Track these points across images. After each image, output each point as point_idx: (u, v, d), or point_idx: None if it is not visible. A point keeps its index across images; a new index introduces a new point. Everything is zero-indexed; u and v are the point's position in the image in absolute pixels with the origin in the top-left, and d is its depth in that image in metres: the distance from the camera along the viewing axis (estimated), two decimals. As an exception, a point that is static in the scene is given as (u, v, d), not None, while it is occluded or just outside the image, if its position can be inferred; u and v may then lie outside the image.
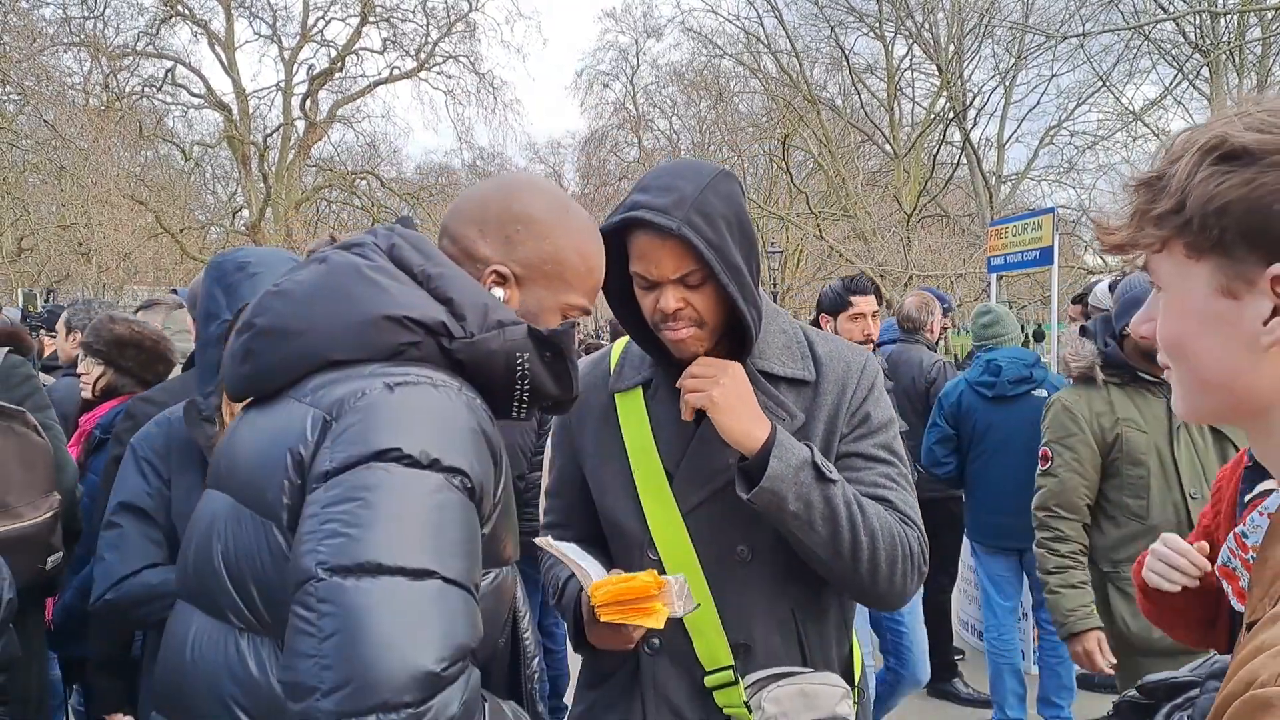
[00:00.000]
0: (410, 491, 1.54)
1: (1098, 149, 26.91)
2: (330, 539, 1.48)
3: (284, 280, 1.82)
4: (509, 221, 1.91)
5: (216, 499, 1.82)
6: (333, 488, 1.53)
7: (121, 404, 4.50)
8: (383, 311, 1.72)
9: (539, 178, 2.08)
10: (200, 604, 1.77)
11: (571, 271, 1.95)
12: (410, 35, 39.57)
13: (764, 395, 2.32)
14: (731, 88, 36.49)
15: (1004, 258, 10.88)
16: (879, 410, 2.40)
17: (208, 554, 1.75)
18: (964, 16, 26.52)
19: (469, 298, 1.78)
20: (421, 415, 1.62)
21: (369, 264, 1.80)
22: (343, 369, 1.70)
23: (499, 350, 1.75)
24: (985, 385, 6.22)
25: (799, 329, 2.47)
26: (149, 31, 35.35)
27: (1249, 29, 21.57)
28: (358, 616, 1.44)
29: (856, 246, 29.06)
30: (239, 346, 1.82)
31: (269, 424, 1.74)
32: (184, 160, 37.81)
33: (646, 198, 2.22)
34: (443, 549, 1.53)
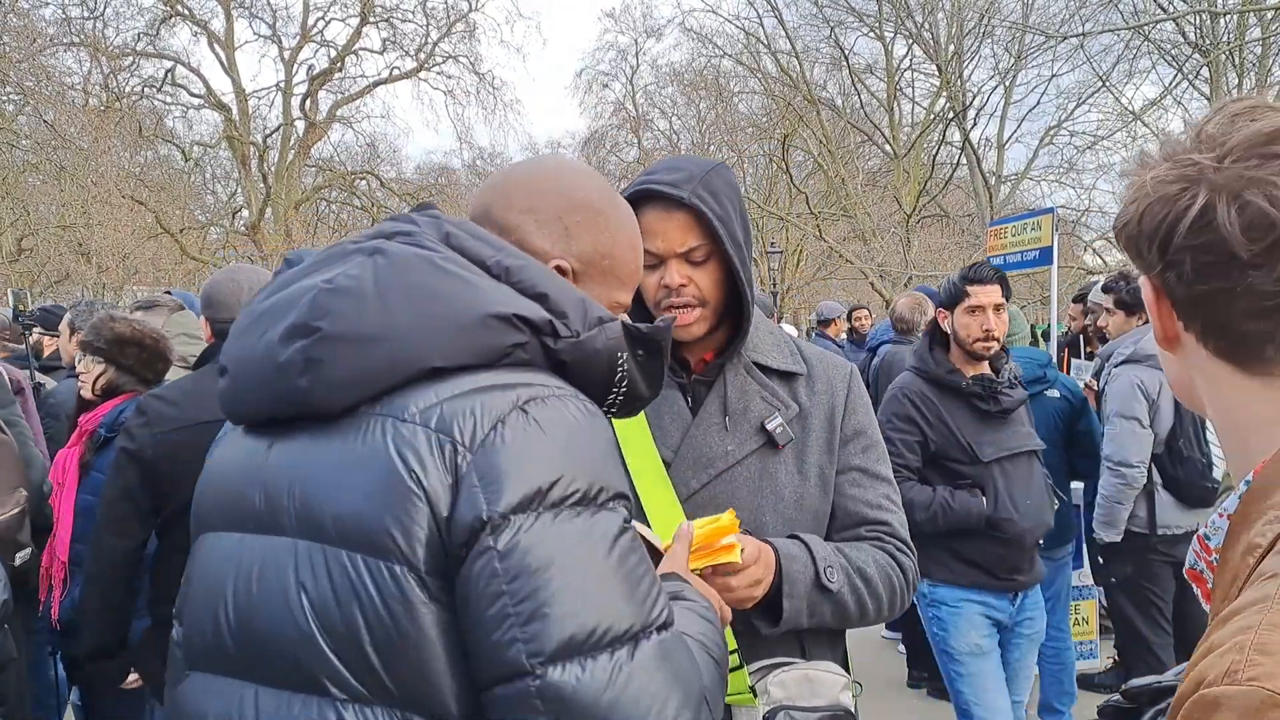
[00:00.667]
0: (592, 542, 1.43)
1: (1097, 149, 26.95)
2: (530, 624, 1.35)
3: (336, 277, 1.56)
4: (568, 210, 1.77)
5: (253, 544, 1.57)
6: (508, 554, 1.37)
7: (123, 402, 4.51)
8: (489, 310, 1.53)
9: (579, 162, 1.96)
10: (260, 677, 1.52)
11: (623, 266, 1.85)
12: (410, 35, 39.68)
13: (759, 386, 2.37)
14: (731, 88, 36.52)
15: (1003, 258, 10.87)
16: (872, 423, 2.48)
17: (276, 611, 1.49)
18: (964, 16, 26.53)
19: (564, 293, 1.62)
20: (568, 437, 1.48)
21: (439, 255, 1.60)
22: (443, 379, 1.51)
23: (602, 349, 1.62)
24: (998, 385, 6.21)
25: (786, 335, 2.53)
26: (149, 32, 35.40)
27: (1249, 29, 21.58)
28: (595, 710, 1.35)
29: (856, 247, 29.09)
30: (294, 355, 1.53)
31: (341, 450, 1.51)
32: (184, 160, 37.82)
33: (655, 176, 2.27)
34: (641, 597, 1.45)
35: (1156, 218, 1.16)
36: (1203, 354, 1.20)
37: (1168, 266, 1.17)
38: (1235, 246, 1.09)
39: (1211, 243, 1.11)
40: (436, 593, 1.41)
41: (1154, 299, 1.24)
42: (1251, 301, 1.12)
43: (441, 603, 1.42)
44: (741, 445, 2.32)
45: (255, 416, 1.66)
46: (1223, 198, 1.10)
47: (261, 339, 1.60)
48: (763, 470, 2.32)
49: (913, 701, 6.91)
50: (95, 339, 4.54)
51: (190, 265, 36.24)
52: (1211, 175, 1.12)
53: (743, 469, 2.32)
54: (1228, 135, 1.13)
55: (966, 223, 29.56)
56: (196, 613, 1.64)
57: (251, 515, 1.58)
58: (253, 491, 1.59)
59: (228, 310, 3.87)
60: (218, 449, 1.80)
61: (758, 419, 2.34)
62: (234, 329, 1.71)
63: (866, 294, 28.22)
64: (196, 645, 1.64)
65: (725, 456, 2.31)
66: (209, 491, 1.73)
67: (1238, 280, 1.11)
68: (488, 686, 1.39)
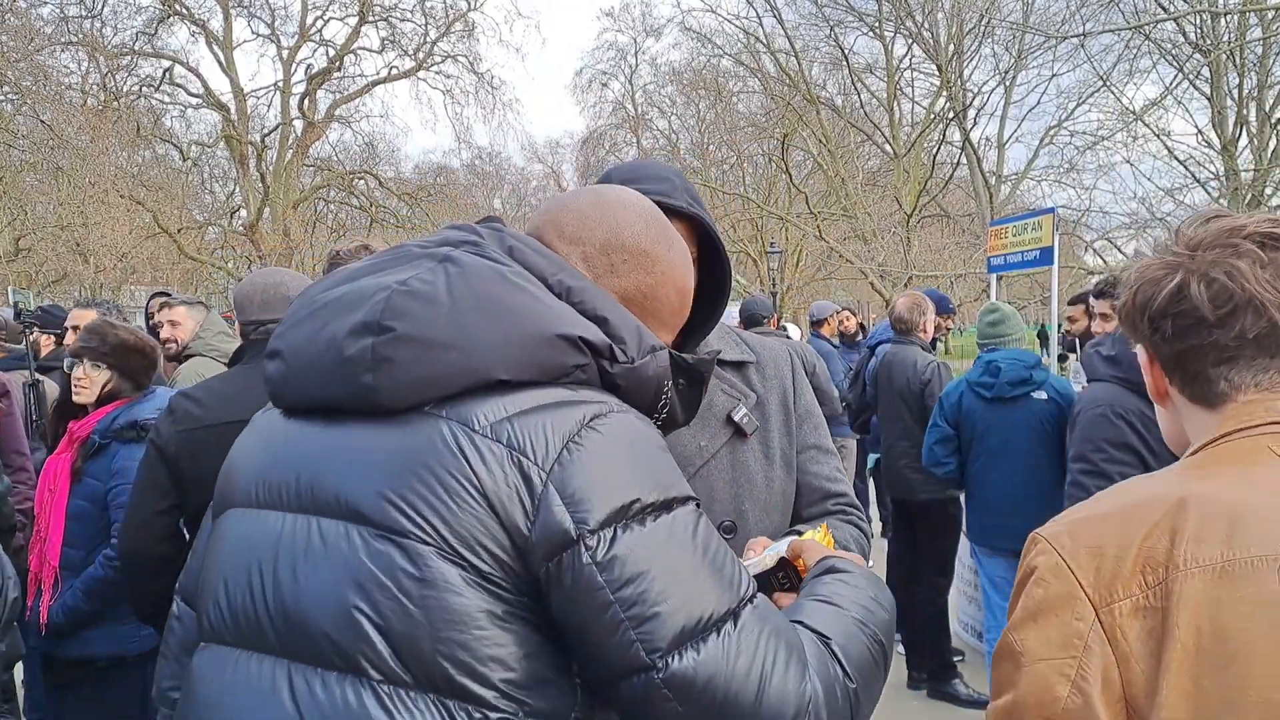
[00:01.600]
0: (677, 541, 1.54)
1: (1098, 149, 26.82)
2: (643, 625, 1.46)
3: (410, 279, 1.62)
4: (616, 249, 1.82)
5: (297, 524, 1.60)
6: (608, 566, 1.47)
7: (117, 408, 4.47)
8: (556, 330, 1.59)
9: (642, 198, 1.94)
10: (297, 655, 1.54)
11: (666, 308, 1.88)
12: (409, 35, 39.67)
13: (717, 379, 2.38)
14: (731, 87, 36.50)
15: (1004, 258, 10.85)
16: (815, 402, 2.56)
17: (314, 590, 1.54)
18: (964, 16, 26.53)
19: (623, 319, 1.69)
20: (636, 450, 1.58)
21: (509, 269, 1.66)
22: (507, 391, 1.57)
23: (652, 376, 1.71)
24: (984, 386, 6.17)
25: (727, 325, 2.55)
26: (147, 31, 35.39)
27: (1250, 29, 21.54)
28: (717, 687, 1.47)
29: (856, 246, 29.08)
30: (363, 351, 1.58)
31: (396, 441, 1.56)
32: (182, 160, 37.82)
33: (642, 188, 2.20)
34: (729, 577, 1.56)
35: (1145, 295, 1.51)
36: (1183, 401, 1.54)
37: (1154, 331, 1.51)
38: (1204, 312, 1.44)
39: (1186, 310, 1.46)
40: (489, 586, 1.49)
41: (1147, 362, 1.58)
42: (1217, 354, 1.46)
43: (496, 596, 1.49)
44: (713, 440, 2.34)
45: (308, 404, 1.70)
46: (1194, 277, 1.45)
47: (324, 330, 1.65)
48: (735, 461, 2.35)
49: (911, 703, 6.87)
50: (100, 345, 4.48)
51: (188, 265, 36.26)
52: (1186, 262, 1.47)
53: (717, 463, 2.33)
54: (1200, 232, 1.48)
55: (967, 223, 29.56)
56: (224, 586, 1.67)
57: (294, 496, 1.63)
58: (298, 474, 1.64)
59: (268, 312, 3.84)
60: (248, 432, 1.84)
61: (723, 411, 2.36)
62: (291, 316, 1.76)
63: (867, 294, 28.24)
64: (219, 619, 1.67)
65: (700, 453, 2.32)
66: (241, 470, 1.77)
67: (1205, 337, 1.46)
68: (612, 684, 1.50)
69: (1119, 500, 1.40)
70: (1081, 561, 1.32)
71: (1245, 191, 21.99)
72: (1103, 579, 1.29)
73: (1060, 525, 1.40)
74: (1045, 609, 1.32)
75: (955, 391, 6.35)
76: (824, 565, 1.84)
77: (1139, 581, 1.28)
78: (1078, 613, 1.29)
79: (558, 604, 1.49)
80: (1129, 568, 1.28)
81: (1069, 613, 1.30)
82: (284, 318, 1.79)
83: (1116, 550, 1.30)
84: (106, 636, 4.31)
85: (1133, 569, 1.28)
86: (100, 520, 4.32)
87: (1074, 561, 1.32)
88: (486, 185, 45.80)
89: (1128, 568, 1.28)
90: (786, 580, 1.95)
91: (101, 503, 4.32)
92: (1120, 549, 1.30)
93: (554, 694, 1.53)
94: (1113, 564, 1.29)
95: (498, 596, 1.49)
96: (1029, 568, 1.37)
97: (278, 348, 1.74)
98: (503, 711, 1.48)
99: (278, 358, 1.74)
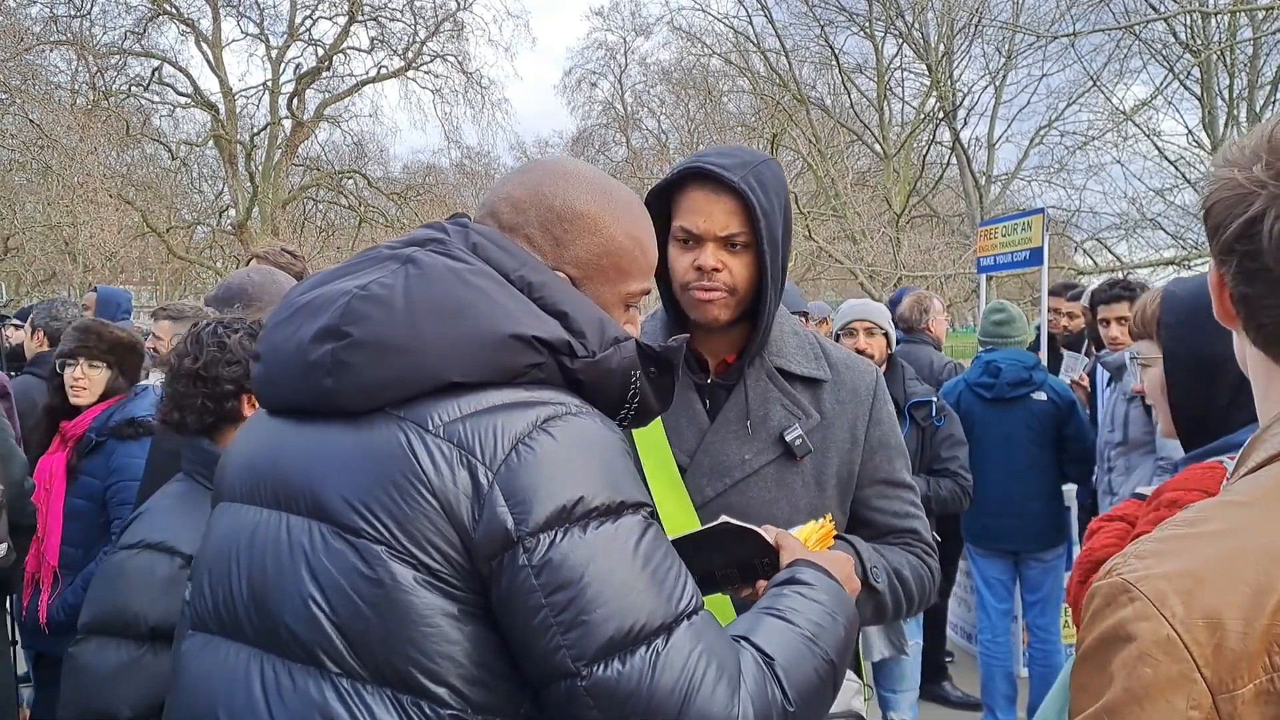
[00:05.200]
0: (617, 549, 1.53)
1: (1088, 149, 26.82)
2: (570, 631, 1.48)
3: (370, 284, 1.65)
4: (553, 222, 1.82)
5: (270, 519, 1.67)
6: (543, 569, 1.49)
7: (111, 405, 4.46)
8: (509, 330, 1.61)
9: (567, 160, 1.95)
10: (268, 647, 1.61)
11: (627, 258, 1.87)
12: (398, 34, 39.44)
13: (780, 392, 2.33)
14: (720, 87, 36.42)
15: (993, 258, 10.85)
16: (895, 430, 2.46)
17: (281, 584, 1.60)
18: (954, 16, 26.49)
19: (582, 312, 1.71)
20: (587, 454, 1.58)
21: (468, 268, 1.68)
22: (463, 392, 1.60)
23: (617, 368, 1.71)
24: (984, 387, 6.18)
25: (810, 334, 2.48)
26: (136, 30, 35.16)
27: (1240, 29, 21.56)
28: (640, 700, 1.47)
29: (846, 247, 29.02)
30: (323, 356, 1.62)
31: (356, 442, 1.61)
32: (170, 159, 37.59)
33: (708, 157, 2.25)
34: (669, 590, 1.55)
35: (1217, 215, 1.26)
36: (1248, 342, 1.34)
37: (1222, 261, 1.29)
38: (1269, 260, 1.20)
39: (1252, 251, 1.22)
40: (441, 585, 1.52)
41: (1217, 282, 1.34)
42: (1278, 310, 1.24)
43: (447, 594, 1.52)
44: (759, 454, 2.29)
45: (283, 405, 1.76)
46: (1271, 212, 1.19)
47: (296, 334, 1.69)
48: (779, 481, 2.29)
49: (906, 705, 6.85)
50: (98, 344, 4.48)
51: (177, 264, 36.12)
52: (1273, 188, 1.19)
53: (758, 479, 2.29)
54: None
55: (956, 223, 29.53)
56: (208, 576, 1.74)
57: (270, 492, 1.69)
58: (271, 470, 1.70)
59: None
60: (244, 428, 1.91)
61: (777, 428, 2.30)
62: (271, 319, 1.81)
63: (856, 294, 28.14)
64: (203, 607, 1.73)
65: (742, 465, 2.28)
66: (231, 465, 1.84)
67: (1271, 290, 1.23)
68: (541, 686, 1.53)
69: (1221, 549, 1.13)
70: (1199, 636, 1.07)
71: (1235, 192, 21.98)
72: (1224, 660, 1.06)
73: (1159, 578, 1.12)
74: (1154, 693, 1.08)
75: (954, 392, 6.35)
76: (787, 573, 1.83)
77: (1264, 663, 1.06)
78: (1194, 699, 1.07)
79: (496, 602, 1.53)
80: (1254, 646, 1.06)
81: (1183, 699, 1.07)
82: (266, 319, 1.87)
83: (1241, 625, 1.07)
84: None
85: (1259, 648, 1.06)
86: (99, 518, 4.32)
87: (1189, 635, 1.08)
88: (475, 185, 45.60)
89: (1253, 645, 1.06)
90: (770, 567, 1.94)
91: (100, 500, 4.32)
92: (1245, 622, 1.07)
93: (505, 690, 1.55)
94: (1236, 641, 1.06)
95: (449, 595, 1.53)
96: (1125, 632, 1.11)
97: (259, 350, 1.80)
98: (453, 709, 1.52)
99: (259, 360, 1.80)
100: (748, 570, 1.98)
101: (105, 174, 28.87)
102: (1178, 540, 1.17)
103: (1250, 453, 1.29)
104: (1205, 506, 1.22)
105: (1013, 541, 6.08)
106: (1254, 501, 1.19)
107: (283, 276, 3.98)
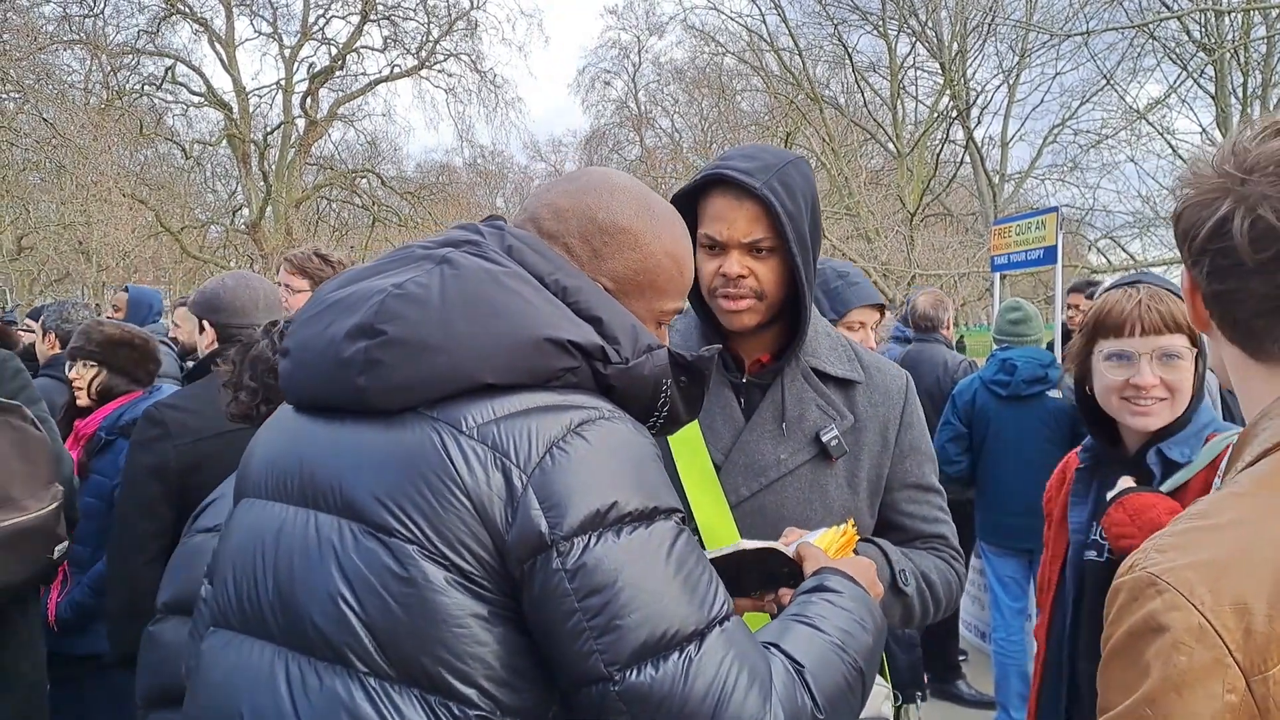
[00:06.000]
0: (650, 554, 1.52)
1: (1102, 148, 26.73)
2: (604, 636, 1.47)
3: (405, 282, 1.64)
4: (594, 234, 1.80)
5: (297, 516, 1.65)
6: (576, 574, 1.48)
7: (122, 405, 4.48)
8: (544, 334, 1.60)
9: (615, 174, 1.92)
10: (294, 644, 1.59)
11: (665, 277, 1.86)
12: (411, 33, 39.58)
13: (815, 393, 2.33)
14: (734, 86, 36.41)
15: (1007, 257, 10.81)
16: (926, 436, 2.47)
17: (309, 582, 1.58)
18: (967, 14, 26.44)
19: (617, 318, 1.69)
20: (621, 459, 1.57)
21: (503, 270, 1.66)
22: (496, 394, 1.58)
23: (649, 376, 1.69)
24: (1000, 384, 6.16)
25: (841, 336, 2.48)
26: (149, 29, 35.31)
27: (1254, 27, 21.49)
28: (672, 705, 1.46)
29: (860, 245, 28.99)
30: (356, 353, 1.60)
31: (388, 441, 1.59)
32: (184, 159, 37.75)
33: (731, 162, 2.24)
34: (701, 596, 1.54)
35: (1188, 220, 1.33)
36: (1223, 338, 1.38)
37: (1194, 264, 1.34)
38: (1243, 255, 1.25)
39: (1225, 249, 1.28)
40: (472, 586, 1.51)
41: (1190, 288, 1.40)
42: (1255, 303, 1.29)
43: (478, 596, 1.51)
44: (794, 455, 2.28)
45: (310, 401, 1.75)
46: (1240, 210, 1.25)
47: (327, 330, 1.68)
48: (814, 482, 2.29)
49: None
50: (85, 343, 4.55)
51: (190, 264, 36.26)
52: (1238, 188, 1.26)
53: (794, 479, 2.28)
54: (1261, 151, 1.27)
55: (970, 221, 29.49)
56: (232, 573, 1.71)
57: (297, 489, 1.67)
58: (300, 467, 1.68)
59: (241, 316, 3.83)
60: (270, 424, 1.88)
61: (813, 429, 2.30)
62: (301, 315, 1.78)
63: (869, 293, 27.96)
64: (225, 604, 1.71)
65: (777, 465, 2.27)
66: (255, 461, 1.82)
67: (1244, 283, 1.28)
68: (572, 690, 1.51)
69: (1238, 538, 1.18)
70: (1228, 622, 1.11)
71: (1249, 190, 21.94)
72: (1254, 644, 1.10)
73: (1185, 569, 1.16)
74: (1191, 680, 1.11)
75: (969, 390, 6.33)
76: (815, 580, 1.81)
77: None
78: (1229, 683, 1.11)
79: (527, 605, 1.52)
80: None
81: (1218, 684, 1.11)
82: (295, 315, 1.82)
83: (1266, 609, 1.11)
84: (113, 633, 4.32)
85: None
86: (108, 517, 4.33)
87: (1219, 622, 1.12)
88: (489, 184, 45.74)
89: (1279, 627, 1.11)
90: (792, 578, 1.93)
91: (109, 499, 4.34)
92: (1270, 605, 1.11)
93: (534, 693, 1.54)
94: (1263, 624, 1.11)
95: (480, 597, 1.51)
96: (1156, 623, 1.15)
97: (288, 345, 1.78)
98: (481, 710, 1.50)
99: (288, 355, 1.77)
100: (769, 579, 1.98)
101: (119, 173, 28.95)
102: (1195, 533, 1.21)
103: (1243, 447, 1.34)
104: (1214, 500, 1.28)
105: (1027, 540, 6.05)
106: (1259, 492, 1.25)
107: (258, 282, 4.02)
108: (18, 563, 3.39)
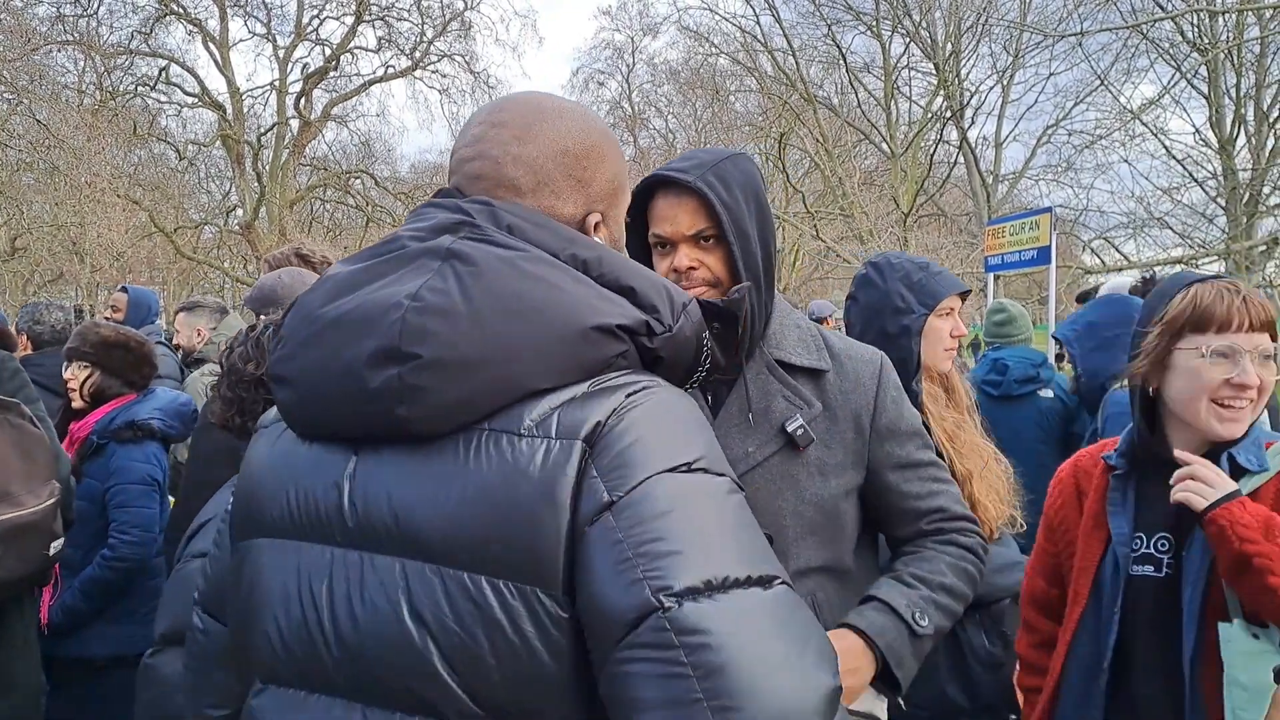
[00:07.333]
0: (713, 494, 1.44)
1: (1096, 148, 26.70)
2: (658, 561, 1.33)
3: (420, 291, 1.48)
4: (573, 164, 1.71)
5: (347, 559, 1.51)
6: (624, 511, 1.36)
7: (115, 409, 4.48)
8: (590, 323, 1.48)
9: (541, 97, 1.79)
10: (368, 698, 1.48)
11: (623, 174, 1.81)
12: (405, 34, 39.45)
13: (781, 384, 2.34)
14: (728, 86, 36.41)
15: (1001, 257, 10.85)
16: (908, 411, 2.46)
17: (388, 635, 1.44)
18: (961, 15, 26.47)
19: (648, 283, 1.57)
20: (672, 423, 1.48)
21: (521, 255, 1.52)
22: (546, 394, 1.46)
23: (691, 335, 1.59)
24: (991, 384, 6.16)
25: (815, 328, 2.49)
26: (143, 30, 35.17)
27: (1247, 28, 21.51)
28: (739, 642, 1.30)
29: (853, 246, 28.98)
30: (390, 381, 1.45)
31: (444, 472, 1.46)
32: (178, 159, 37.65)
33: (670, 164, 2.36)
34: (761, 547, 1.44)
35: None
36: None
37: None
38: None
39: None
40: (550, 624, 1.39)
41: None
42: None
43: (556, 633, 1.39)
44: (762, 447, 2.30)
45: (330, 433, 1.59)
46: None
47: (338, 356, 1.52)
48: (783, 473, 2.30)
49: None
50: (80, 344, 4.57)
51: (184, 265, 36.19)
52: None
53: (763, 471, 2.29)
54: None
55: (964, 222, 29.53)
56: (276, 625, 1.57)
57: (338, 529, 1.52)
58: (337, 504, 1.53)
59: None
60: (263, 453, 1.71)
61: (779, 420, 2.31)
62: (292, 336, 1.62)
63: (863, 293, 27.89)
64: (274, 659, 1.58)
65: (746, 459, 2.28)
66: (267, 496, 1.65)
67: None
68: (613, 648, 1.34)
69: None
70: None
71: (1243, 191, 21.97)
72: None
73: None
74: None
75: (960, 389, 6.33)
76: None
77: None
78: None
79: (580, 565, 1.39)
80: None
81: None
82: (283, 336, 1.65)
83: None
84: (105, 636, 4.34)
85: None
86: (99, 520, 4.34)
87: None
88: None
89: None
90: None
91: (100, 503, 4.34)
92: None
93: None
94: None
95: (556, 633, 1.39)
96: None
97: (284, 374, 1.61)
98: None
99: (286, 384, 1.61)
100: None
101: (112, 174, 28.85)
102: None
103: None
104: None
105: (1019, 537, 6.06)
106: None
107: (311, 277, 3.99)
108: (16, 559, 3.41)
